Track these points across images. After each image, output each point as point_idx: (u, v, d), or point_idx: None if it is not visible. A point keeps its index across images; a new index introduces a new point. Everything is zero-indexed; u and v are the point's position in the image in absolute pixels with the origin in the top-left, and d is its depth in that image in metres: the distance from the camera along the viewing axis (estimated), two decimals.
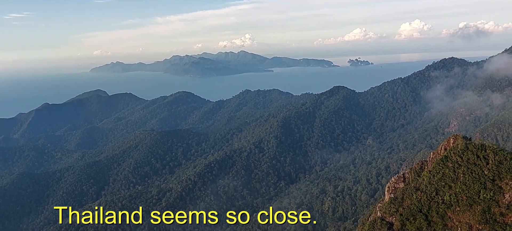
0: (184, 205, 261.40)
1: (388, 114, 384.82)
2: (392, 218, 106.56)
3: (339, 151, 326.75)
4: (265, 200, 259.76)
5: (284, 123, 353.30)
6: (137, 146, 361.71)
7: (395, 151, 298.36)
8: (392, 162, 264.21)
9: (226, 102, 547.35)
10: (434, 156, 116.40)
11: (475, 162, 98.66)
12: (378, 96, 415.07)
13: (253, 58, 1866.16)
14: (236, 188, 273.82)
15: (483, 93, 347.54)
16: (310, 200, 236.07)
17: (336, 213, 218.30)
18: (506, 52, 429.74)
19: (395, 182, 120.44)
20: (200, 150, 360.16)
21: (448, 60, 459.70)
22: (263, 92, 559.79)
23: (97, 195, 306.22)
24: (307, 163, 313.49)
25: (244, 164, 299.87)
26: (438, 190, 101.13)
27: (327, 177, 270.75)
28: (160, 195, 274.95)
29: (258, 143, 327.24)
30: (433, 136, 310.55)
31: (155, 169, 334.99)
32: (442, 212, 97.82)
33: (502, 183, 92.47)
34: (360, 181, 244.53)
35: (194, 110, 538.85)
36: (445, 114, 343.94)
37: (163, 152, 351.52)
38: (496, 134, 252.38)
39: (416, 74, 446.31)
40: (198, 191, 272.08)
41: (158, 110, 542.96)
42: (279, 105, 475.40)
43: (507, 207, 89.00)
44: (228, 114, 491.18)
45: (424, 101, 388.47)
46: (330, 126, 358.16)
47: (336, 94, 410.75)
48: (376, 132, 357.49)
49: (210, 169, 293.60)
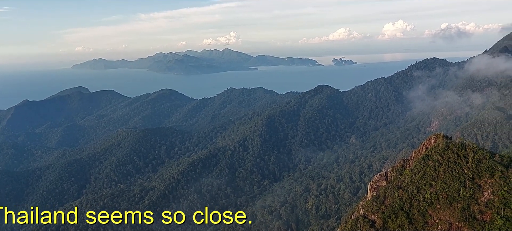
0: (167, 203, 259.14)
1: (371, 114, 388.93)
2: (374, 216, 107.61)
3: (322, 150, 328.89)
4: (249, 199, 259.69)
5: (268, 121, 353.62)
6: (120, 144, 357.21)
7: (377, 149, 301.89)
8: (375, 160, 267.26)
9: (210, 100, 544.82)
10: (416, 154, 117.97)
11: (455, 161, 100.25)
12: (362, 96, 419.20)
13: (238, 56, 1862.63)
14: (220, 187, 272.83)
15: (463, 93, 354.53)
16: (293, 198, 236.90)
17: (320, 211, 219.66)
18: (486, 53, 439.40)
19: (377, 180, 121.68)
20: (184, 148, 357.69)
21: (430, 61, 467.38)
22: (248, 90, 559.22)
23: (78, 194, 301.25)
24: (291, 161, 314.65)
25: (228, 163, 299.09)
26: (419, 188, 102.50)
27: (311, 175, 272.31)
28: (143, 193, 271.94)
29: (243, 141, 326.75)
30: (415, 135, 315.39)
31: (137, 167, 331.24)
32: (423, 210, 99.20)
33: (481, 181, 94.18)
34: (343, 179, 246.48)
35: (177, 108, 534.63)
36: (426, 113, 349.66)
37: (146, 150, 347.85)
38: (476, 133, 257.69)
39: (399, 74, 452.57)
40: (182, 189, 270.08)
41: (141, 108, 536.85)
42: (264, 103, 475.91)
43: (486, 205, 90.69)
44: (212, 112, 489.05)
45: (407, 101, 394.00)
46: (314, 124, 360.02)
47: (320, 93, 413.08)
48: (359, 130, 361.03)
49: (194, 167, 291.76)
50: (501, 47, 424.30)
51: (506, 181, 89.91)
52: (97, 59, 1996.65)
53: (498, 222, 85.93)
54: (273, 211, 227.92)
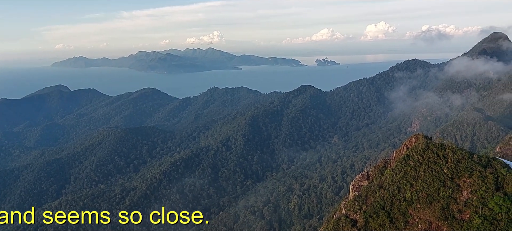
0: (149, 204, 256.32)
1: (353, 114, 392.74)
2: (356, 216, 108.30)
3: (305, 149, 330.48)
4: (231, 199, 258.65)
5: (252, 121, 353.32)
6: (100, 143, 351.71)
7: (359, 149, 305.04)
8: (357, 160, 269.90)
9: (193, 99, 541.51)
10: (397, 154, 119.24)
11: (435, 161, 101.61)
12: (344, 96, 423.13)
13: (222, 55, 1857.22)
14: (202, 187, 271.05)
15: (443, 94, 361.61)
16: (276, 198, 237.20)
17: (302, 211, 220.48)
18: (465, 55, 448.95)
19: (359, 180, 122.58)
20: (166, 148, 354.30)
21: (411, 62, 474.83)
22: (231, 90, 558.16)
23: (58, 194, 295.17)
24: (274, 161, 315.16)
25: (211, 162, 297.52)
26: (400, 188, 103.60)
27: (294, 175, 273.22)
28: (124, 193, 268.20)
29: (226, 141, 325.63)
30: (396, 135, 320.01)
31: (119, 167, 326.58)
32: (403, 209, 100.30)
33: (460, 181, 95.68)
34: (326, 179, 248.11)
35: (160, 107, 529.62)
36: (407, 114, 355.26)
37: (127, 150, 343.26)
38: (455, 134, 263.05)
39: (381, 75, 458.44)
40: (164, 189, 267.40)
41: (122, 107, 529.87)
42: (247, 103, 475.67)
43: (464, 204, 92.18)
44: (195, 112, 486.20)
45: (388, 102, 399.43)
46: (297, 124, 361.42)
47: (303, 93, 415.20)
48: (342, 130, 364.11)
49: (176, 167, 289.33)
50: (479, 50, 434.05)
51: (484, 181, 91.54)
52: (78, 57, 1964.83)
53: (477, 221, 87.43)
54: (256, 211, 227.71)
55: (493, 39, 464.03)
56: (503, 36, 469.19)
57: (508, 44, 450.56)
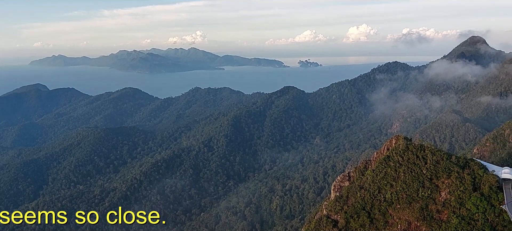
0: (129, 205, 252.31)
1: (335, 115, 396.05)
2: (337, 216, 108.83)
3: (288, 150, 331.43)
4: (213, 200, 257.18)
5: (234, 122, 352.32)
6: (80, 143, 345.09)
7: (341, 150, 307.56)
8: (338, 161, 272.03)
9: (175, 99, 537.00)
10: (378, 155, 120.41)
11: (414, 162, 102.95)
12: (326, 97, 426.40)
13: (204, 55, 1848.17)
14: (183, 188, 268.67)
15: (423, 96, 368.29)
16: (258, 198, 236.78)
17: (284, 212, 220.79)
18: (444, 58, 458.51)
19: (340, 180, 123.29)
20: (147, 148, 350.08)
21: (392, 64, 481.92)
22: (214, 90, 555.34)
23: (35, 195, 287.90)
24: (257, 162, 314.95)
25: (193, 163, 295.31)
26: (380, 189, 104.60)
27: (276, 175, 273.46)
28: (103, 195, 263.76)
29: (208, 142, 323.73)
30: (377, 136, 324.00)
31: (98, 167, 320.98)
32: (383, 209, 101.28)
33: (438, 181, 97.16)
34: (308, 180, 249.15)
35: (141, 107, 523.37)
36: (388, 115, 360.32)
37: (107, 150, 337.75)
38: (434, 135, 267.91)
39: (362, 77, 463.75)
40: (144, 190, 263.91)
41: (102, 106, 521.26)
42: (230, 104, 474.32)
43: (443, 204, 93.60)
44: (177, 112, 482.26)
45: (369, 103, 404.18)
46: (280, 125, 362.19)
47: (286, 94, 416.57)
48: (324, 131, 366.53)
49: (157, 168, 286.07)
50: (458, 53, 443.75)
51: (462, 182, 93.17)
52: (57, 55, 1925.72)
53: (454, 221, 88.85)
54: (238, 212, 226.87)
55: (471, 43, 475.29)
56: (481, 40, 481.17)
57: (486, 48, 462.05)
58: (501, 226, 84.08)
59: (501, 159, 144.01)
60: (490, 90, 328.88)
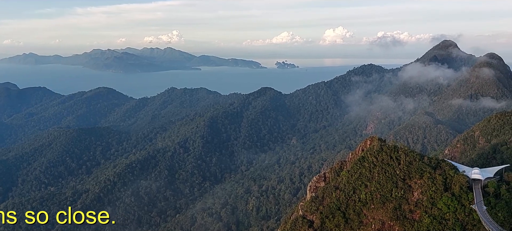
0: (102, 206, 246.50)
1: (311, 116, 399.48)
2: (313, 216, 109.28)
3: (264, 151, 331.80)
4: (188, 201, 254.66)
5: (211, 123, 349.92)
6: (51, 144, 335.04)
7: (317, 151, 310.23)
8: (314, 161, 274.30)
9: (150, 100, 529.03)
10: (353, 156, 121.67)
11: (388, 162, 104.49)
12: (303, 99, 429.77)
13: (180, 55, 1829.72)
14: (159, 189, 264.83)
15: (397, 98, 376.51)
16: (234, 200, 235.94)
17: (260, 212, 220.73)
18: (418, 61, 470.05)
19: (316, 181, 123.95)
20: (121, 149, 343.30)
21: (367, 67, 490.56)
22: (190, 90, 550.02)
23: (4, 197, 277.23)
24: (233, 163, 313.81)
25: (168, 164, 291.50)
26: (355, 189, 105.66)
27: (252, 176, 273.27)
28: (76, 196, 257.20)
29: (183, 143, 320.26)
30: (352, 137, 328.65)
31: (70, 169, 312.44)
32: (358, 209, 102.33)
33: (411, 182, 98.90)
34: (284, 180, 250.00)
35: (115, 107, 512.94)
36: (363, 117, 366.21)
37: (79, 151, 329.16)
38: (408, 136, 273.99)
39: (338, 78, 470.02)
40: (118, 192, 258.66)
41: (75, 106, 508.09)
42: (206, 104, 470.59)
43: (415, 204, 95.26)
44: (152, 112, 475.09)
45: (345, 105, 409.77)
46: (256, 126, 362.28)
47: (263, 95, 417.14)
48: (300, 132, 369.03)
49: (131, 169, 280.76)
50: (431, 56, 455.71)
51: (433, 182, 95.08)
52: (28, 53, 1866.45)
53: (426, 220, 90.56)
54: (214, 213, 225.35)
55: (443, 47, 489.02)
56: (453, 44, 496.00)
57: (457, 52, 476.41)
58: (470, 225, 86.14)
59: (471, 159, 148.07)
60: (461, 93, 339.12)
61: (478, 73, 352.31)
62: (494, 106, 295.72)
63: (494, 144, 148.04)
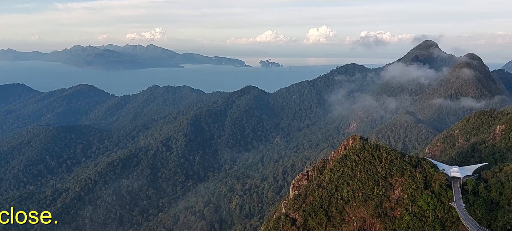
0: (83, 205, 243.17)
1: (295, 115, 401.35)
2: (295, 214, 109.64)
3: (248, 150, 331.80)
4: (171, 200, 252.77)
5: (194, 121, 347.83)
6: (30, 142, 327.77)
7: (300, 149, 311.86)
8: (298, 160, 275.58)
9: (132, 97, 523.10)
10: (335, 154, 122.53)
11: (370, 161, 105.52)
12: (287, 97, 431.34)
13: (163, 53, 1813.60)
14: (141, 188, 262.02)
15: (379, 97, 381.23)
16: (218, 198, 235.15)
17: (243, 211, 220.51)
18: (400, 61, 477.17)
19: (299, 179, 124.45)
20: (102, 148, 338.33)
21: (350, 66, 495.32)
22: (173, 88, 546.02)
23: None
24: (217, 162, 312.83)
25: (150, 163, 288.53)
26: (337, 187, 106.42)
27: (236, 175, 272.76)
28: (55, 195, 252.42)
29: (166, 141, 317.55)
30: (334, 136, 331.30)
31: (50, 167, 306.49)
32: (340, 207, 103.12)
33: (392, 180, 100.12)
34: (267, 179, 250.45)
35: (96, 105, 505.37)
36: (346, 116, 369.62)
37: (59, 149, 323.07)
38: (389, 135, 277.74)
39: (322, 78, 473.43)
40: (99, 191, 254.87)
41: (55, 103, 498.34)
42: (190, 102, 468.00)
43: (396, 202, 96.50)
44: (134, 110, 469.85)
45: (328, 104, 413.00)
46: (240, 124, 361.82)
47: (247, 94, 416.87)
48: (284, 131, 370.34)
49: (113, 167, 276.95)
50: (412, 56, 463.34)
51: (414, 180, 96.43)
52: (6, 49, 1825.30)
53: (407, 218, 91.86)
54: (197, 211, 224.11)
55: (425, 47, 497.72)
56: (434, 44, 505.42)
57: (438, 52, 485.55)
58: (450, 222, 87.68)
59: (450, 158, 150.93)
60: (441, 93, 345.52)
61: (458, 74, 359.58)
62: (474, 105, 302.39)
63: (473, 143, 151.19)
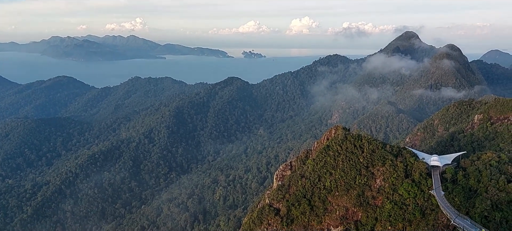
0: (64, 199, 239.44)
1: (278, 106, 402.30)
2: (279, 204, 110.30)
3: (232, 141, 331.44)
4: (154, 192, 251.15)
5: (176, 113, 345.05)
6: (8, 135, 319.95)
7: (284, 140, 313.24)
8: (281, 151, 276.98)
9: (113, 89, 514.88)
10: (318, 145, 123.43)
11: (352, 151, 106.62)
12: (270, 89, 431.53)
13: (144, 43, 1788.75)
14: (123, 180, 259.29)
15: (361, 88, 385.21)
16: (201, 190, 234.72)
17: (227, 202, 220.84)
18: (381, 52, 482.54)
19: (283, 170, 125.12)
20: (83, 140, 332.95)
21: (332, 57, 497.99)
22: (155, 80, 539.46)
23: None
24: (200, 153, 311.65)
25: (133, 155, 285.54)
26: (320, 177, 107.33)
27: (219, 166, 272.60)
28: (36, 189, 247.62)
29: (148, 133, 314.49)
30: (317, 126, 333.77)
31: (29, 160, 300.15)
32: (323, 197, 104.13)
33: (374, 169, 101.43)
34: (251, 170, 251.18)
35: (76, 97, 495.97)
36: (328, 107, 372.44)
37: (39, 142, 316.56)
38: (371, 125, 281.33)
39: (305, 69, 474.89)
40: (80, 184, 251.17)
41: (33, 96, 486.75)
42: (172, 94, 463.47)
43: (377, 191, 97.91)
44: (115, 102, 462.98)
45: (311, 95, 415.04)
46: (223, 116, 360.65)
47: (230, 85, 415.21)
48: (267, 122, 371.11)
49: (94, 160, 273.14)
50: (394, 47, 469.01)
51: (395, 169, 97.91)
52: None
53: (388, 206, 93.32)
54: (180, 203, 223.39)
55: (406, 38, 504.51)
56: (415, 35, 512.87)
57: (419, 43, 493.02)
58: (429, 210, 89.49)
59: (430, 147, 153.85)
60: (422, 83, 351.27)
61: (439, 64, 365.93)
62: (454, 96, 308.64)
63: (452, 132, 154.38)
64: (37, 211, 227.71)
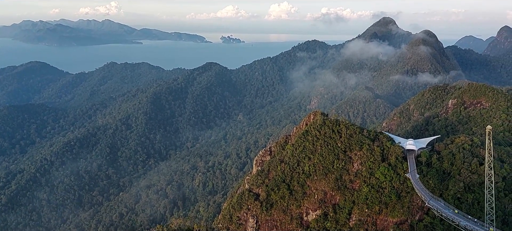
0: (39, 187, 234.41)
1: (257, 92, 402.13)
2: (258, 189, 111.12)
3: (211, 127, 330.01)
4: (132, 179, 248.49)
5: (154, 99, 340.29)
6: None
7: (263, 126, 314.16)
8: (261, 136, 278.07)
9: (88, 75, 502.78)
10: (297, 130, 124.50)
11: (330, 136, 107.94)
12: (249, 74, 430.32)
13: (120, 28, 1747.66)
14: (100, 167, 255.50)
15: (340, 74, 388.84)
16: (180, 176, 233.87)
17: (207, 188, 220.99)
18: (359, 38, 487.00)
19: (262, 155, 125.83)
20: (58, 127, 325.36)
21: (311, 43, 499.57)
22: (131, 65, 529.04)
23: None
24: (179, 140, 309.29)
25: (109, 142, 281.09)
26: (299, 162, 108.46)
27: (199, 153, 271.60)
28: (9, 177, 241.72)
29: (125, 120, 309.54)
30: (296, 112, 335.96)
31: (2, 148, 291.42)
32: (302, 181, 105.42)
33: (352, 153, 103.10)
34: (231, 156, 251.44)
35: (50, 83, 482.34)
36: (307, 92, 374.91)
37: (11, 130, 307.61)
38: (349, 111, 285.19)
39: (283, 54, 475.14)
40: (56, 171, 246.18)
41: (5, 82, 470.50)
42: (149, 80, 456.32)
43: (355, 175, 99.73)
44: (91, 88, 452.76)
45: (290, 81, 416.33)
46: (202, 102, 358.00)
47: (209, 71, 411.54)
48: (247, 108, 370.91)
49: (70, 147, 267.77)
50: (371, 33, 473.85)
51: (372, 153, 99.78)
52: None
53: (365, 189, 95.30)
54: (159, 190, 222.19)
55: (383, 24, 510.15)
56: (392, 21, 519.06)
57: (396, 29, 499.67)
58: (404, 193, 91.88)
59: (406, 131, 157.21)
60: (398, 69, 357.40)
61: (415, 50, 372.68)
62: (430, 81, 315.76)
63: (427, 117, 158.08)
64: (11, 199, 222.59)
